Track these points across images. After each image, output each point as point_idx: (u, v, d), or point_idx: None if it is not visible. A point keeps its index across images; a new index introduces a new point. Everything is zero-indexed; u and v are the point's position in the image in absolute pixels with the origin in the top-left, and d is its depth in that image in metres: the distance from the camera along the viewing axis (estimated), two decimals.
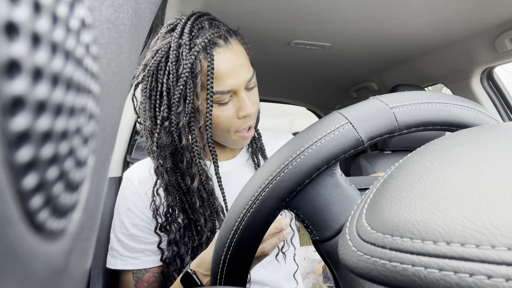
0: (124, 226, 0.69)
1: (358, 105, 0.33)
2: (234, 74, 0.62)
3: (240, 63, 0.63)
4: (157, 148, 0.63)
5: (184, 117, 0.61)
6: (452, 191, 0.15)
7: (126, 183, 0.72)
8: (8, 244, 0.08)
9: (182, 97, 0.61)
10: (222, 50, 0.62)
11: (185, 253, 0.67)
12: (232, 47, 0.63)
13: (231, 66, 0.62)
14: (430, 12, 1.00)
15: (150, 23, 0.19)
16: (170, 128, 0.62)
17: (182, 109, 0.61)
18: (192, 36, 0.61)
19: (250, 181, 0.33)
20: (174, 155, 0.65)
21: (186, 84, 0.59)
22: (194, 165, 0.64)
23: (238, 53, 0.64)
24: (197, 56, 0.59)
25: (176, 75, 0.60)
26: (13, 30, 0.08)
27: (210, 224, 0.67)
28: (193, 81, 0.60)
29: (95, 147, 0.13)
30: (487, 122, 0.34)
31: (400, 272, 0.14)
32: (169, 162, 0.64)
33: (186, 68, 0.58)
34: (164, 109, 0.61)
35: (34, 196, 0.09)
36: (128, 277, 0.70)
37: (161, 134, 0.62)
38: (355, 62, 1.52)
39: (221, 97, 0.62)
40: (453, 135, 0.22)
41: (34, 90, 0.09)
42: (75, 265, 0.13)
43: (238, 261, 0.34)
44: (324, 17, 1.04)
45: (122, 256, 0.69)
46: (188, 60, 0.58)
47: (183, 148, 0.63)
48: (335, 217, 0.32)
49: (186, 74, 0.59)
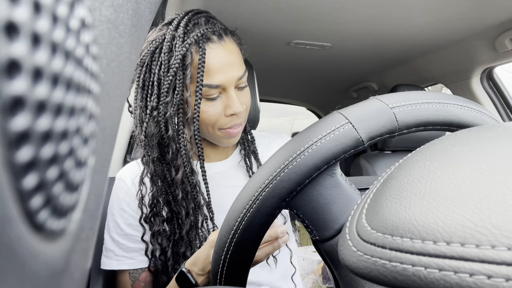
0: (119, 226, 0.69)
1: (358, 105, 0.33)
2: (224, 71, 0.62)
3: (231, 60, 0.64)
4: (145, 137, 0.64)
5: (171, 107, 0.62)
6: (452, 191, 0.15)
7: (118, 183, 0.72)
8: (8, 244, 0.08)
9: (171, 87, 0.61)
10: (214, 46, 0.63)
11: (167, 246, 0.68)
12: (226, 45, 0.64)
13: (222, 62, 0.62)
14: (430, 12, 1.00)
15: (150, 23, 0.19)
16: (158, 118, 0.63)
17: (170, 100, 0.62)
18: (187, 30, 0.62)
19: (250, 181, 0.33)
20: (161, 146, 0.66)
21: (176, 74, 0.60)
22: (180, 156, 0.65)
23: (230, 51, 0.64)
24: (188, 48, 0.60)
25: (168, 65, 0.61)
26: (13, 30, 0.08)
27: (192, 217, 0.67)
28: (183, 72, 0.61)
29: (95, 147, 0.13)
30: (487, 122, 0.34)
31: (400, 272, 0.14)
32: (155, 152, 0.65)
33: (177, 59, 0.59)
34: (154, 99, 0.62)
35: (34, 196, 0.09)
36: (124, 277, 0.70)
37: (149, 123, 0.63)
38: (355, 62, 1.52)
39: (210, 91, 0.63)
40: (453, 135, 0.22)
41: (34, 90, 0.09)
42: (75, 265, 0.13)
43: (238, 261, 0.34)
44: (324, 17, 1.04)
45: (118, 256, 0.69)
46: (180, 51, 0.60)
47: (169, 138, 0.64)
48: (335, 217, 0.32)
49: (177, 65, 0.60)
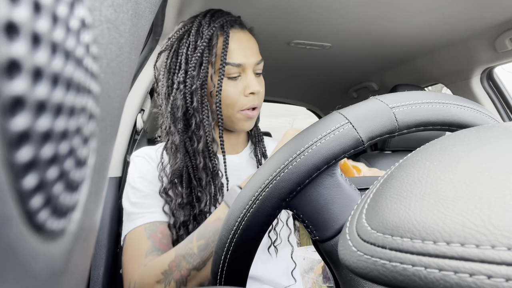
0: (139, 191, 0.72)
1: (358, 105, 0.33)
2: (245, 52, 0.72)
3: (251, 45, 0.73)
4: (171, 109, 0.72)
5: (197, 81, 0.71)
6: (452, 191, 0.15)
7: (135, 160, 0.77)
8: (8, 244, 0.08)
9: (198, 63, 0.70)
10: (237, 31, 0.73)
11: (188, 220, 0.71)
12: (246, 33, 0.74)
13: (243, 45, 0.72)
14: (430, 12, 1.00)
15: (150, 23, 0.19)
16: (185, 90, 0.71)
17: (197, 74, 0.70)
18: (213, 19, 0.72)
19: (250, 181, 0.33)
20: (185, 117, 0.73)
21: (203, 52, 0.70)
22: (202, 127, 0.72)
23: (250, 39, 0.74)
24: (215, 31, 0.70)
25: (195, 45, 0.71)
26: (13, 30, 0.08)
27: (212, 187, 0.72)
28: (209, 50, 0.70)
29: (95, 147, 0.13)
30: (487, 122, 0.34)
31: (400, 272, 0.14)
32: (180, 123, 0.72)
33: (205, 40, 0.69)
34: (181, 74, 0.71)
35: (34, 196, 0.09)
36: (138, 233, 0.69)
37: (176, 96, 0.71)
38: (355, 62, 1.52)
39: (231, 70, 0.71)
40: (453, 135, 0.21)
41: (34, 90, 0.09)
42: (75, 265, 0.13)
43: (238, 261, 0.34)
44: (324, 17, 1.04)
45: (140, 213, 0.70)
46: (207, 33, 0.70)
47: (194, 109, 0.71)
48: (335, 217, 0.32)
49: (204, 44, 0.69)
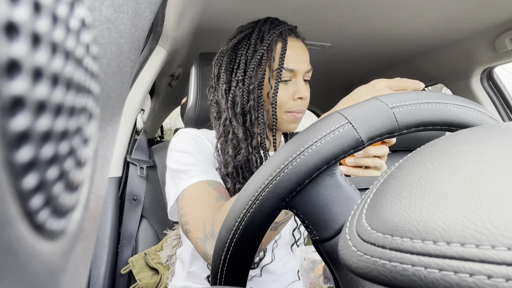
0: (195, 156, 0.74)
1: (358, 105, 0.33)
2: (298, 60, 0.77)
3: (304, 54, 0.79)
4: (232, 104, 0.76)
5: (255, 81, 0.75)
6: (452, 191, 0.15)
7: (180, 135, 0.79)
8: (8, 244, 0.08)
9: (257, 65, 0.75)
10: (293, 39, 0.78)
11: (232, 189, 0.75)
12: (300, 42, 0.80)
13: (298, 53, 0.77)
14: (430, 12, 1.00)
15: (150, 23, 0.19)
16: (243, 88, 0.76)
17: (255, 75, 0.75)
18: (272, 26, 0.78)
19: (250, 181, 0.33)
20: (243, 114, 0.78)
21: (262, 56, 0.75)
22: (257, 124, 0.77)
23: (304, 48, 0.80)
24: (274, 37, 0.75)
25: (254, 48, 0.76)
26: (13, 30, 0.08)
27: None
28: (268, 54, 0.75)
29: (95, 147, 0.13)
30: (487, 122, 0.34)
31: (400, 272, 0.14)
32: (241, 118, 0.77)
33: (265, 44, 0.75)
34: (240, 74, 0.76)
35: (34, 196, 0.09)
36: (201, 185, 0.69)
37: (236, 93, 0.76)
38: (355, 62, 1.52)
39: (285, 74, 0.76)
40: (453, 135, 0.21)
41: (34, 90, 0.09)
42: (75, 265, 0.13)
43: (238, 261, 0.34)
44: (324, 17, 1.04)
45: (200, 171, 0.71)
46: (267, 38, 0.75)
47: (250, 107, 0.76)
48: (335, 217, 0.32)
49: (264, 48, 0.74)
